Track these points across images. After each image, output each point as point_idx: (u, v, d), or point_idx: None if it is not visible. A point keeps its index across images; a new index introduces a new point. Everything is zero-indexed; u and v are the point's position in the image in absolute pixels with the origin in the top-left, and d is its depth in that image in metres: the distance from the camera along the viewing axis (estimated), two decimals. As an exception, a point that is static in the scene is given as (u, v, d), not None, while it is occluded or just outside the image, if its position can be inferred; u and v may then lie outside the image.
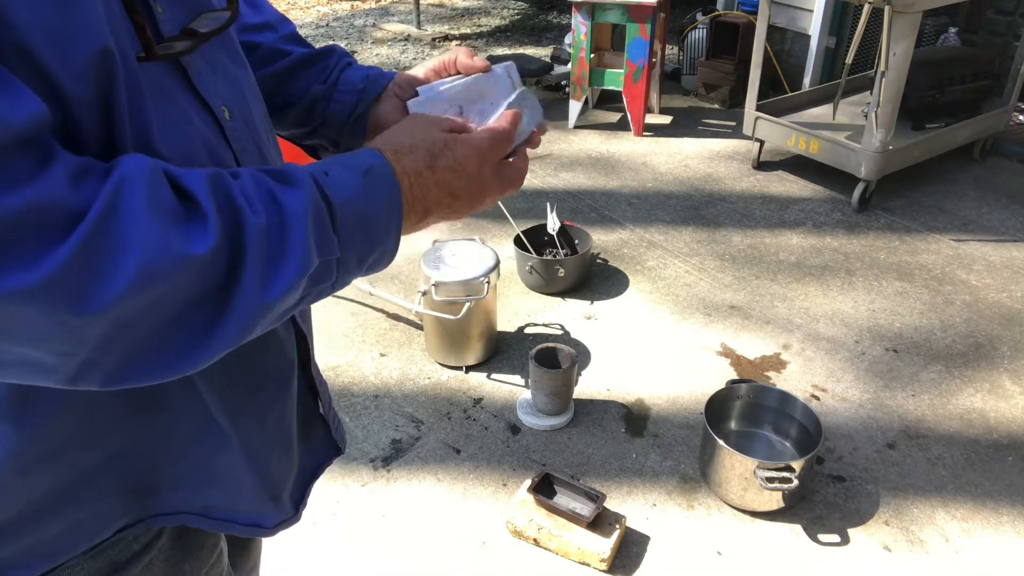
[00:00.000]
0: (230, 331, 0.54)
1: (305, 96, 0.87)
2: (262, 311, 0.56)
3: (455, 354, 2.49)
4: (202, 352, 0.54)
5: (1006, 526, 1.97)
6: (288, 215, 0.56)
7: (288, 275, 0.56)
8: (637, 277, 2.99)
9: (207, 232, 0.51)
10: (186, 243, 0.50)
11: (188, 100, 0.63)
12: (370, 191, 0.62)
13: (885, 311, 2.80)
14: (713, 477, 2.01)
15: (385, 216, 0.63)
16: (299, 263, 0.56)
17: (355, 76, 0.88)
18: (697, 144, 4.16)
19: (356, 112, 0.87)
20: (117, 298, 0.47)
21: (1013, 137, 4.00)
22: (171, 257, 0.49)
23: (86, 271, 0.46)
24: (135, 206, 0.49)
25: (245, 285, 0.54)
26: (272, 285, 0.55)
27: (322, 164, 0.62)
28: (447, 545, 1.92)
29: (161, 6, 0.61)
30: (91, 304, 0.47)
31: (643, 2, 3.81)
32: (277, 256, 0.56)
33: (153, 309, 0.50)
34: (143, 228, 0.48)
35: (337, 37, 6.11)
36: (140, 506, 0.72)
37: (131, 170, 0.50)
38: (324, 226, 0.59)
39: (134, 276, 0.48)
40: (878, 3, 2.98)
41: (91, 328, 0.48)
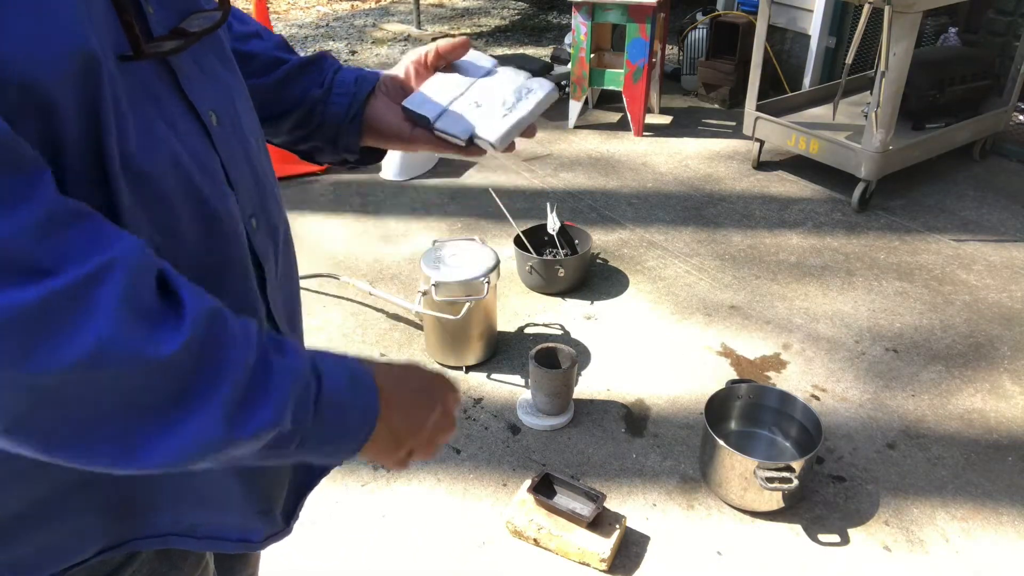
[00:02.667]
0: (170, 452, 0.52)
1: (304, 101, 0.89)
2: (222, 445, 0.54)
3: (455, 354, 2.49)
4: (135, 460, 0.51)
5: (1006, 526, 1.97)
6: (276, 368, 0.57)
7: (263, 418, 0.55)
8: (637, 277, 2.99)
9: (175, 336, 0.50)
10: (150, 342, 0.49)
11: (175, 104, 0.62)
12: (354, 394, 0.65)
13: (885, 311, 2.80)
14: (713, 477, 2.01)
15: (359, 421, 0.65)
16: (277, 410, 0.56)
17: (347, 78, 0.90)
18: (697, 144, 4.16)
19: (352, 111, 0.88)
20: (63, 366, 0.46)
21: (1013, 137, 4.00)
22: (131, 348, 0.48)
23: (41, 329, 0.45)
24: (111, 291, 0.48)
25: (207, 409, 0.52)
26: (246, 423, 0.55)
27: (318, 354, 0.64)
28: (447, 545, 1.92)
29: (152, 6, 0.60)
30: (36, 365, 0.45)
31: (643, 2, 3.81)
32: (255, 396, 0.55)
33: (95, 395, 0.48)
34: (110, 313, 0.47)
35: (337, 37, 6.11)
36: (121, 527, 0.71)
37: (126, 254, 0.49)
38: (308, 395, 0.60)
39: (88, 352, 0.46)
40: (878, 3, 2.98)
41: (22, 392, 0.46)
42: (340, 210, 3.49)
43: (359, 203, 3.56)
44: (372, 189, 3.67)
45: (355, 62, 5.53)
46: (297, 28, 6.38)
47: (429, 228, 3.31)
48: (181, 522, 0.75)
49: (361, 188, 3.68)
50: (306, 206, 3.51)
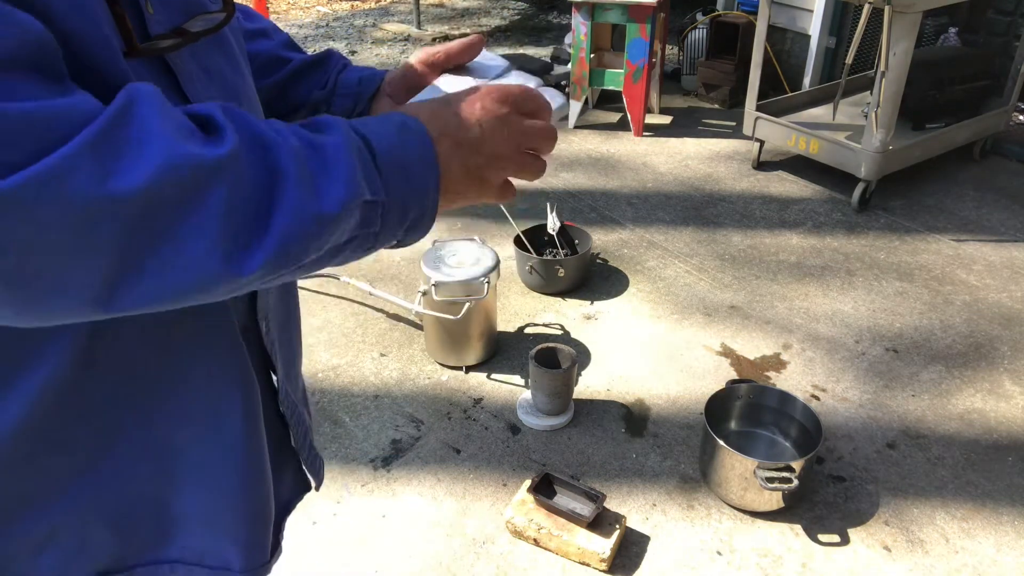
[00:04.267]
0: (281, 242, 0.52)
1: (308, 101, 0.87)
2: (313, 222, 0.53)
3: (455, 354, 2.49)
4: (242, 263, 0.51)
5: (1006, 526, 1.97)
6: (328, 145, 0.56)
7: (339, 190, 0.54)
8: (637, 277, 2.99)
9: (224, 140, 0.50)
10: (208, 147, 0.49)
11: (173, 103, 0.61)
12: (406, 145, 0.61)
13: (885, 311, 2.80)
14: (713, 477, 2.01)
15: (423, 168, 0.61)
16: (348, 181, 0.55)
17: (351, 78, 0.88)
18: (697, 144, 4.16)
19: (355, 113, 0.86)
20: (142, 185, 0.46)
21: (1013, 137, 4.00)
22: (192, 157, 0.48)
23: (102, 160, 0.46)
24: (147, 111, 0.48)
25: (287, 195, 0.52)
26: (326, 196, 0.54)
27: (355, 120, 0.61)
28: (447, 545, 1.92)
29: (153, 6, 0.59)
30: (116, 185, 0.46)
31: (643, 2, 3.81)
32: (321, 172, 0.54)
33: (181, 207, 0.48)
34: (159, 128, 0.48)
35: (337, 37, 6.11)
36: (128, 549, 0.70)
37: (141, 88, 0.49)
38: (367, 162, 0.57)
39: (157, 166, 0.47)
40: (878, 3, 2.98)
41: (112, 223, 0.46)
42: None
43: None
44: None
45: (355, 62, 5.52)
46: (297, 28, 6.37)
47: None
48: (187, 549, 0.74)
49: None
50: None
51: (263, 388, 0.78)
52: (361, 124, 0.60)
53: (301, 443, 0.88)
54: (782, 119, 3.62)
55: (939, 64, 3.65)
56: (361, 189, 0.56)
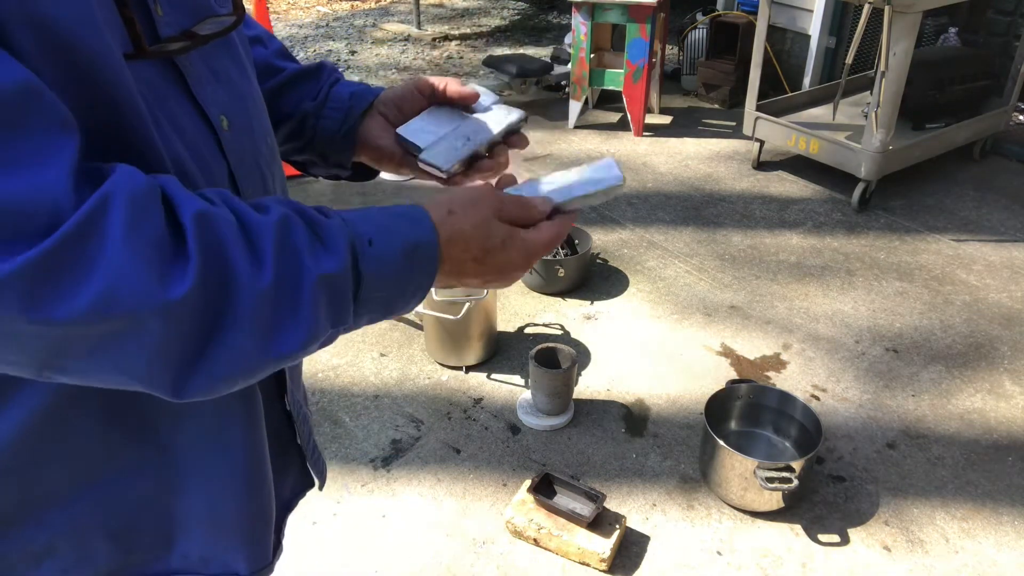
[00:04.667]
0: (209, 382, 0.51)
1: (296, 112, 0.87)
2: (256, 368, 0.54)
3: (455, 354, 2.49)
4: (185, 391, 0.52)
5: (1006, 526, 1.97)
6: (306, 283, 0.54)
7: (292, 341, 0.54)
8: (637, 277, 2.99)
9: (185, 277, 0.48)
10: (160, 284, 0.47)
11: (183, 106, 0.61)
12: (407, 275, 0.60)
13: (885, 311, 2.80)
14: (713, 477, 2.01)
15: (410, 296, 0.62)
16: (307, 330, 0.54)
17: (342, 92, 0.87)
18: (697, 144, 4.16)
19: (344, 127, 0.86)
20: (70, 319, 0.45)
21: (1013, 137, 4.00)
22: (137, 293, 0.46)
23: (47, 281, 0.44)
24: (113, 230, 0.46)
25: (236, 338, 0.51)
26: (276, 347, 0.53)
27: (368, 225, 0.59)
28: (447, 545, 1.92)
29: (162, 8, 0.59)
30: (42, 314, 0.44)
31: (643, 2, 3.81)
32: (282, 320, 0.53)
33: (110, 342, 0.47)
34: (115, 254, 0.46)
35: (337, 37, 6.11)
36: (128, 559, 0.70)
37: (122, 187, 0.47)
38: (345, 301, 0.57)
39: (92, 301, 0.45)
40: (878, 3, 2.98)
41: (39, 341, 0.46)
42: (340, 210, 3.48)
43: (359, 203, 3.56)
44: (372, 189, 3.67)
45: (355, 62, 5.53)
46: (297, 28, 6.38)
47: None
48: (190, 557, 0.74)
49: (361, 188, 3.68)
50: (306, 206, 3.51)
51: (270, 387, 0.78)
52: (367, 244, 0.58)
53: (306, 441, 0.88)
54: (782, 119, 3.62)
55: (939, 64, 3.65)
56: (322, 330, 0.55)
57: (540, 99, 4.77)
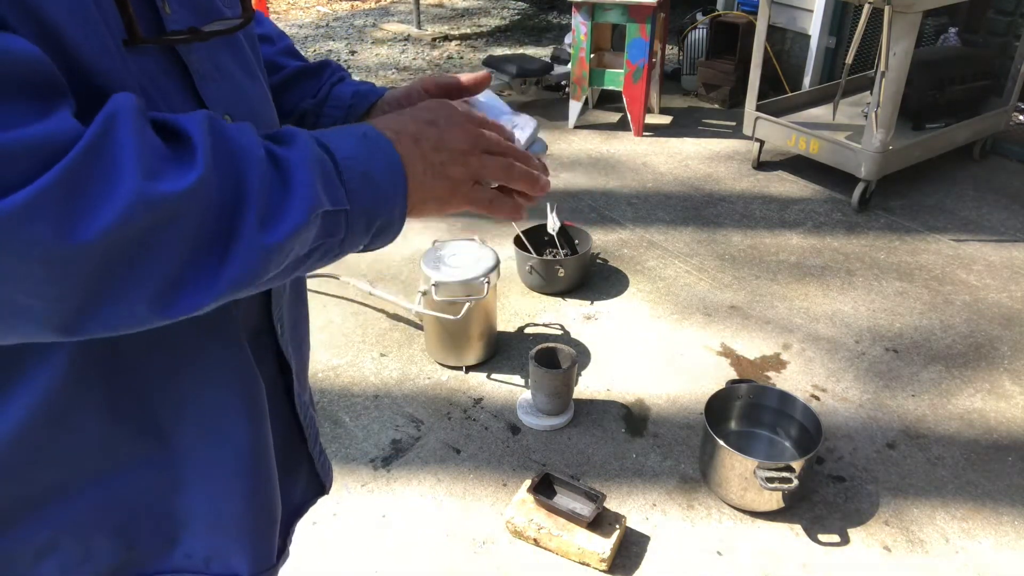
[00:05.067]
0: (233, 272, 0.52)
1: (295, 110, 0.87)
2: (267, 254, 0.53)
3: (455, 354, 2.49)
4: (203, 294, 0.52)
5: (1006, 526, 1.97)
6: (290, 161, 0.55)
7: (295, 214, 0.54)
8: (637, 277, 2.99)
9: (193, 166, 0.50)
10: (176, 178, 0.49)
11: (187, 102, 0.61)
12: (369, 152, 0.61)
13: (885, 311, 2.80)
14: (713, 477, 2.01)
15: (389, 178, 0.62)
16: (307, 200, 0.55)
17: (344, 92, 0.86)
18: (697, 144, 4.16)
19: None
20: (106, 229, 0.46)
21: (1013, 137, 4.00)
22: (161, 191, 0.48)
23: (72, 198, 0.45)
24: (125, 139, 0.47)
25: (247, 224, 0.52)
26: (276, 224, 0.53)
27: (318, 132, 0.61)
28: (447, 545, 1.92)
29: (170, 7, 0.60)
30: (77, 233, 0.45)
31: (643, 2, 3.81)
32: (280, 194, 0.54)
33: (145, 244, 0.48)
34: (132, 160, 0.47)
35: (337, 37, 6.11)
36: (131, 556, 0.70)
37: (122, 105, 0.49)
38: (330, 175, 0.58)
39: (124, 207, 0.46)
40: (878, 3, 2.98)
41: (77, 263, 0.46)
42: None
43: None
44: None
45: (355, 62, 5.53)
46: (297, 28, 6.38)
47: (429, 228, 3.31)
48: (193, 556, 0.73)
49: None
50: (306, 206, 3.51)
51: (280, 390, 0.78)
52: (322, 134, 0.60)
53: (313, 445, 0.88)
54: (782, 119, 3.62)
55: (939, 64, 3.65)
56: (320, 201, 0.56)
57: (540, 99, 4.77)
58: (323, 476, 0.91)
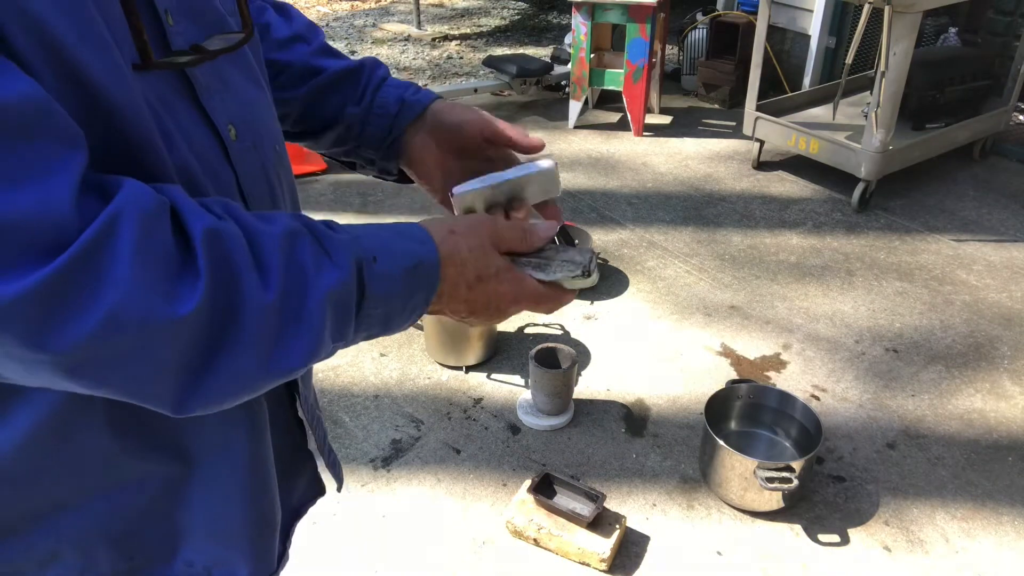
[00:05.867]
0: (212, 397, 0.52)
1: (341, 118, 0.84)
2: (256, 383, 0.54)
3: (455, 354, 2.49)
4: (186, 407, 0.52)
5: (1006, 526, 1.97)
6: (312, 299, 0.54)
7: (295, 357, 0.54)
8: (637, 277, 2.99)
9: (193, 294, 0.48)
10: (166, 301, 0.47)
11: (191, 116, 0.61)
12: (409, 292, 0.61)
13: (885, 311, 2.80)
14: (713, 477, 2.01)
15: (408, 315, 0.62)
16: (309, 347, 0.54)
17: (389, 98, 0.84)
18: (697, 144, 4.16)
19: (391, 136, 0.84)
20: (77, 343, 0.45)
21: (1013, 137, 4.00)
22: (144, 313, 0.46)
23: (53, 306, 0.43)
24: (122, 250, 0.45)
25: (237, 357, 0.51)
26: (277, 363, 0.53)
27: (372, 241, 0.59)
28: (447, 545, 1.92)
29: (173, 19, 0.59)
30: (49, 343, 0.44)
31: (643, 2, 3.81)
32: (286, 335, 0.53)
33: (117, 361, 0.47)
34: (123, 274, 0.45)
35: (337, 37, 6.11)
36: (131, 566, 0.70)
37: (131, 204, 0.47)
38: (348, 316, 0.57)
39: (100, 322, 0.45)
40: (878, 3, 2.98)
41: (45, 365, 0.46)
42: (341, 210, 3.49)
43: (359, 203, 3.56)
44: (372, 189, 3.67)
45: (355, 62, 5.53)
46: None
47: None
48: (194, 565, 0.73)
49: (361, 188, 3.67)
50: (307, 206, 3.51)
51: (280, 393, 0.78)
52: (372, 260, 0.58)
53: (322, 445, 0.88)
54: (782, 119, 3.62)
55: (939, 64, 3.65)
56: (325, 345, 0.56)
57: (540, 99, 4.77)
58: (332, 474, 0.92)
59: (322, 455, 0.88)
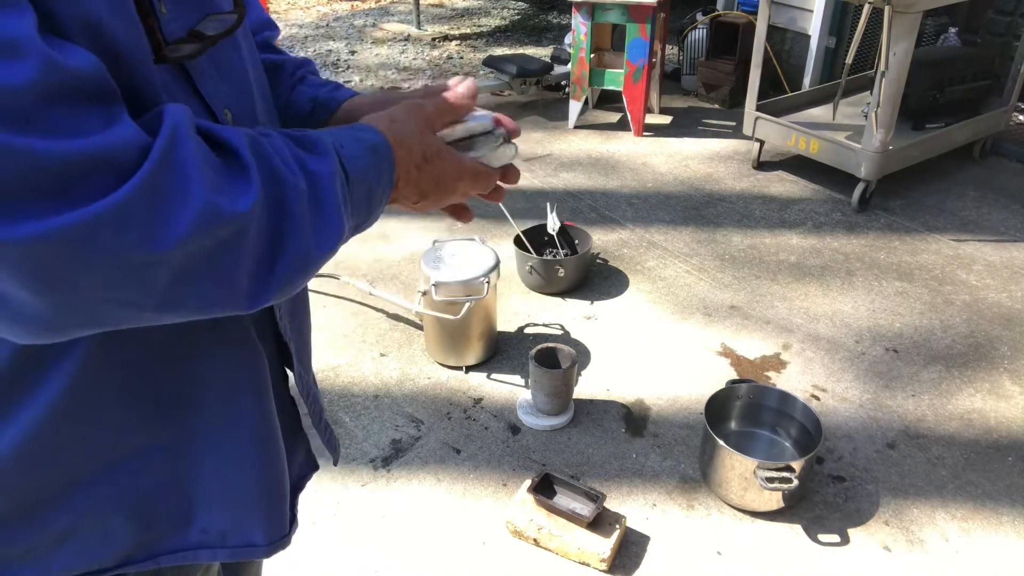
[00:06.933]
0: (282, 281, 0.57)
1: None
2: (311, 265, 0.59)
3: (455, 354, 2.49)
4: (258, 298, 0.57)
5: (1006, 526, 1.97)
6: (320, 182, 0.60)
7: (333, 234, 0.60)
8: (637, 277, 2.99)
9: (250, 188, 0.54)
10: (234, 197, 0.52)
11: (189, 101, 0.62)
12: (377, 168, 0.66)
13: (885, 311, 2.80)
14: (713, 477, 2.01)
15: (382, 192, 0.68)
16: (339, 223, 0.61)
17: (302, 99, 0.86)
18: (697, 144, 4.16)
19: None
20: (181, 238, 0.49)
21: (1013, 137, 4.00)
22: (223, 207, 0.51)
23: (150, 210, 0.48)
24: (188, 155, 0.50)
25: (294, 239, 0.57)
26: (324, 240, 0.59)
27: (334, 134, 0.65)
28: (447, 545, 1.92)
29: (166, 7, 0.60)
30: (156, 243, 0.48)
31: (643, 2, 3.81)
32: (319, 217, 0.59)
33: (213, 256, 0.52)
34: (198, 173, 0.50)
35: (337, 37, 6.11)
36: (148, 537, 0.71)
37: (179, 118, 0.52)
38: (345, 195, 0.62)
39: (195, 218, 0.49)
40: (878, 3, 2.98)
41: (156, 271, 0.49)
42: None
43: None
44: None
45: (355, 62, 5.53)
46: (297, 28, 6.37)
47: (429, 228, 3.31)
48: (210, 531, 0.75)
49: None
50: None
51: (275, 372, 0.79)
52: (340, 147, 0.64)
53: (318, 422, 0.90)
54: (782, 119, 3.62)
55: (939, 64, 3.65)
56: (346, 228, 0.63)
57: (540, 99, 4.77)
58: (329, 449, 0.95)
59: (319, 431, 0.91)
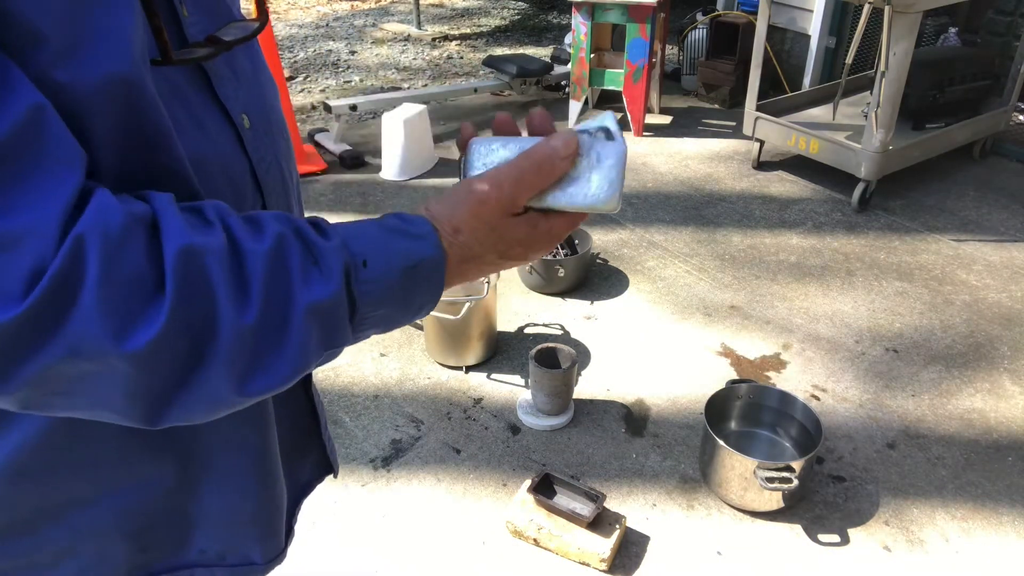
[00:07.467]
0: (180, 415, 0.51)
1: None
2: (234, 404, 0.53)
3: (455, 354, 2.49)
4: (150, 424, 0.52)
5: (1006, 526, 1.97)
6: (296, 315, 0.52)
7: (276, 375, 0.53)
8: (637, 277, 2.99)
9: (158, 317, 0.47)
10: (131, 327, 0.46)
11: (206, 106, 0.62)
12: (408, 294, 0.57)
13: (885, 311, 2.80)
14: (713, 477, 2.01)
15: (416, 309, 0.59)
16: (293, 363, 0.53)
17: None
18: (697, 144, 4.16)
19: None
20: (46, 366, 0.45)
21: (1013, 137, 4.00)
22: (104, 341, 0.45)
23: (27, 337, 0.44)
24: (88, 276, 0.45)
25: (210, 379, 0.50)
26: (253, 383, 0.52)
27: (363, 242, 0.56)
28: (447, 545, 1.92)
29: (188, 9, 0.60)
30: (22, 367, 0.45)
31: (643, 2, 3.81)
32: (265, 356, 0.52)
33: (84, 382, 0.47)
34: (87, 302, 0.45)
35: (337, 37, 6.11)
36: (146, 557, 0.71)
37: (95, 227, 0.45)
38: (340, 325, 0.55)
39: (66, 349, 0.45)
40: (878, 3, 2.98)
41: (10, 398, 0.47)
42: (340, 209, 3.49)
43: (359, 203, 3.56)
44: (372, 189, 3.67)
45: (355, 62, 5.53)
46: (297, 28, 6.38)
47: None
48: (208, 552, 0.75)
49: (361, 188, 3.68)
50: (307, 206, 3.51)
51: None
52: (361, 266, 0.55)
53: (324, 429, 0.91)
54: (782, 119, 3.62)
55: (939, 64, 3.65)
56: (312, 357, 0.54)
57: (540, 99, 4.77)
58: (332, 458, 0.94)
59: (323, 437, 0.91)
